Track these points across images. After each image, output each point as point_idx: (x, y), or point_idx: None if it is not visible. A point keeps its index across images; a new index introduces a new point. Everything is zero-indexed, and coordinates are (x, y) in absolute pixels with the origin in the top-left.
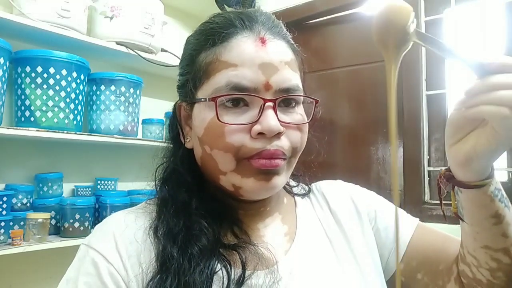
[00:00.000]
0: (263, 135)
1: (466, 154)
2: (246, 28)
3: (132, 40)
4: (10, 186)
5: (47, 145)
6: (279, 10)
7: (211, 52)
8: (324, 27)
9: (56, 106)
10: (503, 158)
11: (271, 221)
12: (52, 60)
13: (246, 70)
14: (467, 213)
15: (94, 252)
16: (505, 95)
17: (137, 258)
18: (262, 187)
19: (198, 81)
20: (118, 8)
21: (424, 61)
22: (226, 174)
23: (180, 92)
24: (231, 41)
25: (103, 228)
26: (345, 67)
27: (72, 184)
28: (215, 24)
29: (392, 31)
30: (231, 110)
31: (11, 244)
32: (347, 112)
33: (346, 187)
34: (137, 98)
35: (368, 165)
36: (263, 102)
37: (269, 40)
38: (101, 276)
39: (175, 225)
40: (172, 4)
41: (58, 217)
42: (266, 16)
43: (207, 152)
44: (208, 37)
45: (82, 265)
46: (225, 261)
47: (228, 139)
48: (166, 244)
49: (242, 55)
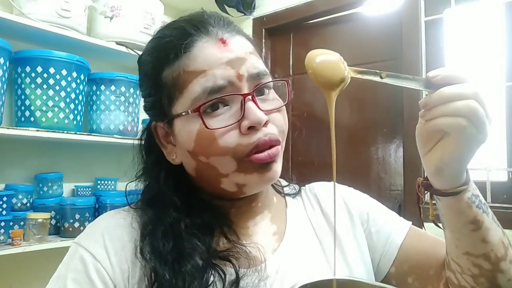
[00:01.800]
0: (253, 128)
1: (435, 164)
2: (202, 33)
3: (132, 40)
4: (10, 186)
5: (47, 145)
6: (279, 10)
7: (176, 66)
8: (324, 27)
9: (56, 106)
10: (503, 158)
11: (261, 219)
12: (52, 60)
13: (216, 71)
14: (446, 220)
15: (83, 249)
16: (460, 105)
17: (124, 256)
18: (266, 178)
19: (171, 97)
20: (118, 8)
21: (424, 61)
22: (228, 175)
23: (152, 113)
24: (193, 50)
25: (93, 227)
26: None
27: (72, 184)
28: (169, 38)
29: (331, 85)
30: (212, 115)
31: (11, 244)
32: (347, 112)
33: (339, 188)
34: (137, 98)
35: (368, 165)
36: (242, 98)
37: (229, 39)
38: (89, 273)
39: (163, 247)
40: (172, 4)
41: (58, 217)
42: (216, 16)
43: (203, 162)
44: (167, 52)
45: (71, 262)
46: (219, 271)
47: (222, 143)
48: (157, 267)
49: (207, 60)
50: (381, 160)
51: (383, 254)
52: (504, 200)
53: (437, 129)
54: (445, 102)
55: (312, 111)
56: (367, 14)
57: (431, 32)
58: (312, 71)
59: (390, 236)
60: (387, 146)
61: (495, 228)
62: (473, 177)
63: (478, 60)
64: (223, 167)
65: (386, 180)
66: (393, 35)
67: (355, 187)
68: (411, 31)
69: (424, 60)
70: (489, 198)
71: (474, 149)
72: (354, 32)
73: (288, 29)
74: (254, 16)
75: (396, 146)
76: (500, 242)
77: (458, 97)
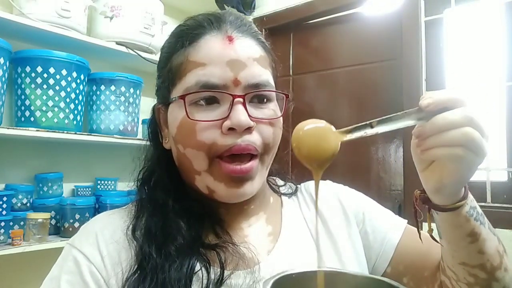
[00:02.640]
0: (233, 130)
1: (435, 184)
2: (214, 28)
3: (132, 40)
4: (10, 186)
5: (47, 145)
6: (279, 10)
7: (181, 54)
8: (324, 27)
9: (56, 106)
10: (503, 158)
11: (256, 220)
12: (52, 60)
13: (214, 68)
14: (443, 232)
15: (77, 251)
16: (455, 135)
17: (118, 257)
18: (232, 194)
19: (172, 82)
20: (118, 8)
21: (424, 61)
22: (201, 174)
23: (158, 94)
24: (200, 41)
25: (87, 228)
26: (345, 67)
27: (72, 184)
28: (186, 27)
29: (323, 163)
30: (202, 108)
31: (11, 244)
32: (347, 112)
33: (334, 188)
34: (137, 98)
35: (368, 165)
36: (232, 98)
37: (236, 38)
38: (83, 274)
39: (152, 225)
40: (172, 4)
41: (58, 217)
42: (235, 16)
43: (181, 151)
44: (178, 39)
45: (65, 263)
46: (204, 261)
47: (199, 136)
48: (144, 244)
49: (209, 54)
50: (381, 160)
51: (380, 254)
52: (504, 200)
53: (434, 159)
54: (439, 132)
55: (312, 111)
56: (367, 14)
57: (431, 32)
58: (300, 153)
59: (386, 236)
60: (387, 146)
61: (491, 238)
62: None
63: (478, 60)
64: (196, 162)
65: (386, 180)
66: (393, 35)
67: (355, 187)
68: (411, 31)
69: (424, 60)
70: (489, 198)
71: (473, 170)
72: (354, 32)
73: (288, 29)
74: (254, 16)
75: (396, 146)
76: (496, 251)
77: (452, 126)
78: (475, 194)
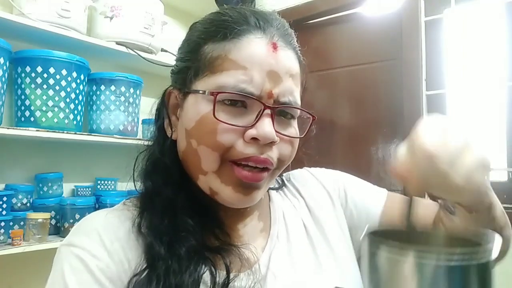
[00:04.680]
0: (256, 140)
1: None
2: (260, 29)
3: (132, 40)
4: (10, 186)
5: (47, 145)
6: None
7: (220, 46)
8: (324, 27)
9: (56, 106)
10: (503, 158)
11: (250, 220)
12: (52, 60)
13: (255, 76)
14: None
15: (79, 249)
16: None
17: (124, 255)
18: (239, 199)
19: (200, 71)
20: (118, 8)
21: (424, 61)
22: (207, 174)
23: (175, 78)
24: (242, 39)
25: (85, 227)
26: (345, 67)
27: (72, 184)
28: (228, 17)
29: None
30: (227, 108)
31: (11, 244)
32: (347, 112)
33: (314, 173)
34: (137, 98)
35: (368, 165)
36: (263, 108)
37: (280, 48)
38: (92, 271)
39: (160, 223)
40: (172, 4)
41: (58, 217)
42: (281, 22)
43: (192, 146)
44: (218, 28)
45: (67, 265)
46: (210, 264)
47: (219, 137)
48: (153, 242)
49: (252, 58)
50: (381, 160)
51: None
52: (504, 200)
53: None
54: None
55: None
56: (367, 14)
57: (431, 32)
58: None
59: (369, 211)
60: (387, 146)
61: (497, 200)
62: None
63: (478, 60)
64: (207, 162)
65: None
66: (393, 35)
67: None
68: (411, 31)
69: (424, 60)
70: None
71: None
72: (354, 32)
73: None
74: None
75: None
76: (502, 212)
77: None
78: None
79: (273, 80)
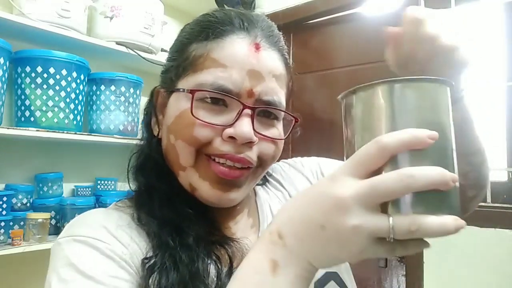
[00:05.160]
0: (233, 139)
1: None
2: (244, 30)
3: (132, 40)
4: (10, 186)
5: (47, 145)
6: (279, 10)
7: (202, 46)
8: (324, 27)
9: (56, 106)
10: (503, 158)
11: (241, 217)
12: (52, 60)
13: (234, 74)
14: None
15: (83, 237)
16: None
17: (130, 239)
18: (217, 196)
19: (183, 70)
20: (118, 8)
21: None
22: (186, 169)
23: (163, 77)
24: (225, 39)
25: (84, 220)
26: (345, 67)
27: (72, 184)
28: (214, 18)
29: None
30: (208, 106)
31: (11, 244)
32: None
33: (291, 164)
34: (137, 98)
35: None
36: (242, 108)
37: (263, 48)
38: (102, 251)
39: (162, 213)
40: (172, 4)
41: (58, 217)
42: (267, 23)
43: (171, 142)
44: (203, 29)
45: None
46: (215, 256)
47: (196, 132)
48: (159, 232)
49: (232, 57)
50: None
51: None
52: (504, 200)
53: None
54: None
55: (312, 111)
56: (367, 14)
57: None
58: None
59: None
60: None
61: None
62: None
63: (478, 60)
64: (183, 156)
65: None
66: None
67: None
68: None
69: None
70: (489, 198)
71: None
72: (354, 32)
73: (288, 29)
74: None
75: None
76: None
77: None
78: None
79: (254, 79)
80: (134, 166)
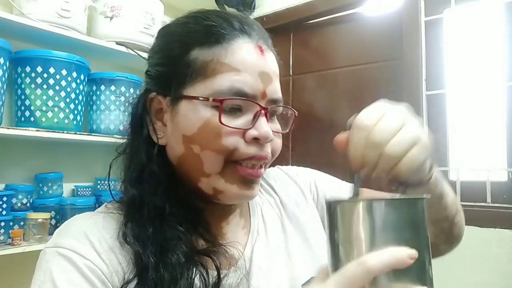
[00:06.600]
0: (256, 140)
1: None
2: (245, 34)
3: (132, 40)
4: (10, 186)
5: (47, 145)
6: (279, 10)
7: (210, 51)
8: (324, 27)
9: (56, 106)
10: (503, 158)
11: (233, 218)
12: (52, 60)
13: (248, 77)
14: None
15: (67, 251)
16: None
17: (114, 255)
18: (244, 195)
19: (189, 77)
20: (118, 8)
21: (424, 61)
22: (210, 176)
23: (155, 82)
24: (233, 44)
25: (70, 229)
26: (345, 67)
27: (72, 184)
28: (212, 22)
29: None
30: (226, 113)
31: (11, 244)
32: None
33: (286, 171)
34: None
35: None
36: (259, 109)
37: (265, 51)
38: (82, 270)
39: (149, 231)
40: (172, 4)
41: (58, 217)
42: (259, 26)
43: (194, 152)
44: (206, 34)
45: (55, 265)
46: (201, 267)
47: (224, 141)
48: (140, 253)
49: (244, 61)
50: None
51: None
52: (504, 200)
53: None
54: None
55: (312, 111)
56: (367, 14)
57: (431, 32)
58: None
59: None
60: None
61: (449, 189)
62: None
63: (478, 60)
64: (210, 165)
65: None
66: (393, 35)
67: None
68: (411, 31)
69: (424, 60)
70: (489, 198)
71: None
72: (354, 32)
73: (288, 29)
74: (254, 16)
75: None
76: (453, 201)
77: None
78: (475, 194)
79: (265, 80)
80: (127, 176)
